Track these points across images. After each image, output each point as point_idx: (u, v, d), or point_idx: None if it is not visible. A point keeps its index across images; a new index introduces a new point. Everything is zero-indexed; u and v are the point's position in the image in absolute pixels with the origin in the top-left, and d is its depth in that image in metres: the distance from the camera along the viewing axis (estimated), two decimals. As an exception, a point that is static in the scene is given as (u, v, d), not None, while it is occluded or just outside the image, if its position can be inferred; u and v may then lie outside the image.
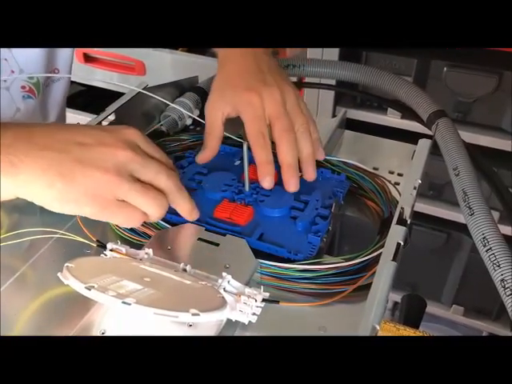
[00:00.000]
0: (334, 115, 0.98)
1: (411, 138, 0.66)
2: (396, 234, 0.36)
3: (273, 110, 0.48)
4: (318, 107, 0.95)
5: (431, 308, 1.08)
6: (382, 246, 0.41)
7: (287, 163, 0.47)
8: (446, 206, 0.99)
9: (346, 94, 0.97)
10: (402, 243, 0.35)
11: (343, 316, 0.40)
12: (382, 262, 0.34)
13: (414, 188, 0.39)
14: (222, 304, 0.34)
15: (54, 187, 0.37)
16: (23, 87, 0.55)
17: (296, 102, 0.50)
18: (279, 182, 0.50)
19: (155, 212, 0.40)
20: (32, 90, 0.56)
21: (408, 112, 0.65)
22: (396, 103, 0.72)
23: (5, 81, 0.54)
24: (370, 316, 0.30)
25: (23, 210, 0.45)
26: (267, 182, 0.47)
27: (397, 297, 0.79)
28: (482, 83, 0.91)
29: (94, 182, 0.37)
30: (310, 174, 0.49)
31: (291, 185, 0.47)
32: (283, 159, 0.47)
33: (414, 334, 0.48)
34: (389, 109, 0.96)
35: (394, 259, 0.34)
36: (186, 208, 0.43)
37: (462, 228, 1.03)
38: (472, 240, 0.45)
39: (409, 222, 0.37)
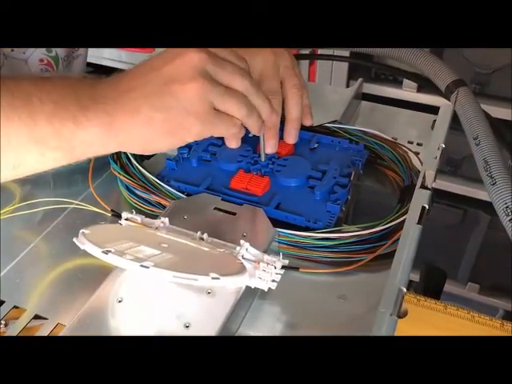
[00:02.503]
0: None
1: (427, 111, 0.64)
2: (420, 197, 0.34)
3: (264, 71, 0.47)
4: (332, 80, 0.93)
5: (446, 286, 1.07)
6: (404, 214, 0.40)
7: (267, 125, 0.45)
8: (463, 182, 0.97)
9: (360, 67, 0.95)
10: (427, 207, 0.34)
11: (364, 285, 0.39)
12: (406, 225, 0.32)
13: (438, 148, 0.37)
14: (242, 270, 0.33)
15: (153, 120, 0.36)
16: (41, 60, 0.55)
17: (291, 65, 0.49)
18: (295, 152, 0.49)
19: (244, 112, 0.39)
20: (50, 63, 0.56)
21: (425, 83, 0.64)
22: (412, 74, 0.70)
23: (24, 53, 0.53)
24: (396, 278, 0.29)
25: (36, 181, 0.44)
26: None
27: (412, 276, 0.78)
28: (500, 54, 0.88)
29: (186, 96, 0.36)
30: (293, 137, 0.49)
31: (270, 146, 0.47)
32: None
33: (434, 305, 0.46)
34: (404, 82, 0.94)
35: (419, 223, 0.33)
36: (265, 109, 0.42)
37: (479, 204, 1.01)
38: (489, 216, 0.44)
39: (433, 186, 0.36)
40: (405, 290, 0.28)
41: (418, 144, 0.54)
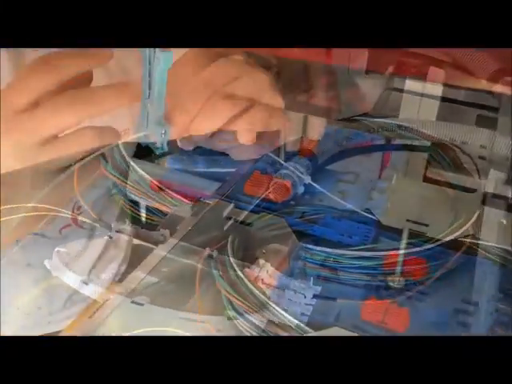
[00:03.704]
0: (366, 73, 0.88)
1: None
2: (496, 210, 0.27)
3: None
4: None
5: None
6: (459, 228, 0.33)
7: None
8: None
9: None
10: (505, 222, 0.26)
11: (415, 317, 0.31)
12: (482, 247, 0.25)
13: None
14: (264, 303, 0.26)
15: None
16: None
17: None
18: (320, 149, 0.43)
19: None
20: None
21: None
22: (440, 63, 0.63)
23: None
24: (480, 322, 0.21)
25: (12, 183, 0.38)
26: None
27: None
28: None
29: None
30: (318, 132, 0.43)
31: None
32: None
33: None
34: (428, 74, 0.87)
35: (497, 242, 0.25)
36: None
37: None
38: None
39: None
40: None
41: (463, 142, 0.47)
